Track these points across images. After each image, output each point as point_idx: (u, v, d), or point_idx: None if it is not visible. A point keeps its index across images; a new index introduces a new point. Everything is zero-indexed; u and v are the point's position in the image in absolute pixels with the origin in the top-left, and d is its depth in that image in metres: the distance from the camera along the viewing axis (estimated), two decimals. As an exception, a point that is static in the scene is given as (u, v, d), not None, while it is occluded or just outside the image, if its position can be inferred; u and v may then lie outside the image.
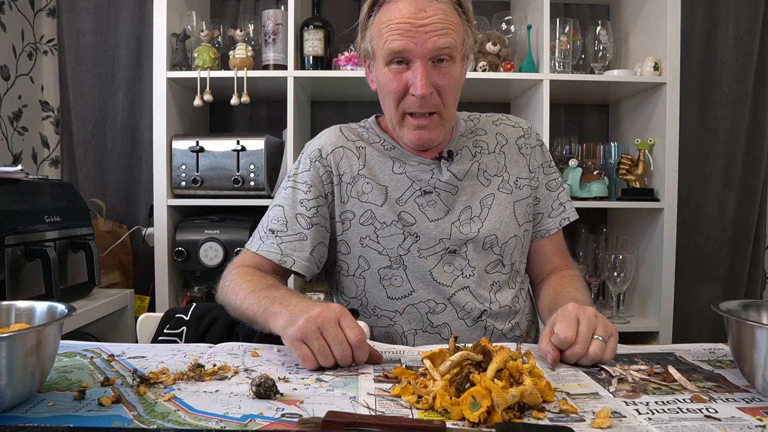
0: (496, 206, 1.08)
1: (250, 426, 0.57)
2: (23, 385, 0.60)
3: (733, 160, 2.24)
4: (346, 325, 0.75)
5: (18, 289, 1.36)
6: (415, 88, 0.95)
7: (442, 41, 0.94)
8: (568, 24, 1.93)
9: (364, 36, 1.04)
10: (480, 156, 1.11)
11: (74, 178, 2.20)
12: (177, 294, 1.93)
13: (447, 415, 0.59)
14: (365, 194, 1.07)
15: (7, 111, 2.03)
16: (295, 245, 1.03)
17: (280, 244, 1.03)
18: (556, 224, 1.14)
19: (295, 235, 1.04)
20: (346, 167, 1.08)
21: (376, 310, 1.07)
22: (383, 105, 1.05)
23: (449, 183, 1.07)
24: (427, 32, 0.94)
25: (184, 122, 1.99)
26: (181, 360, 0.78)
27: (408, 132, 1.02)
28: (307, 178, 1.07)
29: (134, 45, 2.17)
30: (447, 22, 0.95)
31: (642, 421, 0.59)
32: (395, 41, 0.95)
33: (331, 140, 1.10)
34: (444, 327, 1.05)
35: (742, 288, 2.27)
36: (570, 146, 2.05)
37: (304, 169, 1.09)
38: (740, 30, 2.20)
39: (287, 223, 1.04)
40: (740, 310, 0.76)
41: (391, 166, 1.08)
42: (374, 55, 1.02)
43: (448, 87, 0.98)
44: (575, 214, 1.16)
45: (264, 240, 1.05)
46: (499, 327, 1.07)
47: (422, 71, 0.95)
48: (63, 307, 0.69)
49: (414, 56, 0.95)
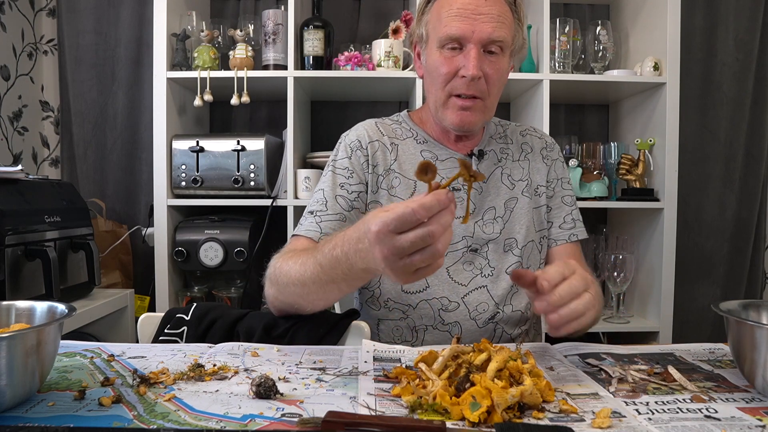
0: (519, 209, 1.11)
1: (250, 426, 0.57)
2: (23, 385, 0.60)
3: (733, 160, 2.24)
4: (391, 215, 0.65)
5: (18, 289, 1.36)
6: (466, 70, 0.98)
7: (497, 33, 0.98)
8: (568, 24, 1.93)
9: (421, 20, 1.07)
10: (505, 162, 1.14)
11: (74, 178, 2.20)
12: (177, 294, 1.93)
13: (447, 415, 0.59)
14: (394, 188, 1.09)
15: (7, 111, 2.03)
16: (335, 225, 1.04)
17: (319, 223, 1.04)
18: (565, 236, 1.15)
19: (335, 215, 1.05)
20: (380, 159, 1.11)
21: (388, 303, 1.08)
22: (428, 89, 1.08)
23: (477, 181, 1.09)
24: (484, 21, 0.98)
25: (184, 122, 1.99)
26: (181, 360, 0.78)
27: (451, 113, 1.04)
28: (348, 164, 1.10)
29: (134, 45, 2.17)
30: (503, 16, 0.99)
31: (642, 421, 0.59)
32: (454, 25, 0.98)
33: (368, 132, 1.13)
34: (455, 325, 1.06)
35: (742, 288, 2.27)
36: (570, 146, 2.05)
37: (344, 155, 1.11)
38: (740, 30, 2.20)
39: (327, 203, 1.06)
40: (740, 310, 0.76)
41: None
42: (428, 38, 1.05)
43: (496, 77, 1.01)
44: (585, 234, 1.17)
45: (303, 222, 1.07)
46: (508, 331, 1.08)
47: (476, 53, 0.98)
48: (63, 307, 0.69)
49: (469, 41, 0.99)
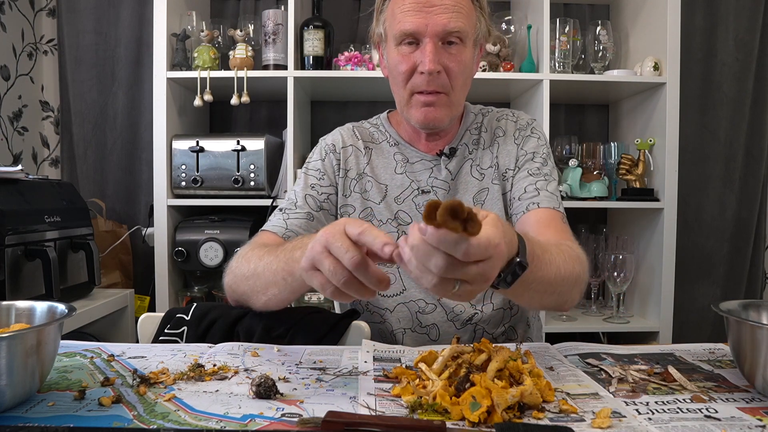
0: (489, 200, 1.07)
1: (250, 426, 0.57)
2: (23, 385, 0.60)
3: (733, 160, 2.24)
4: (352, 229, 0.65)
5: (18, 289, 1.36)
6: (423, 65, 0.96)
7: (453, 24, 0.95)
8: (568, 24, 1.93)
9: (378, 19, 1.06)
10: (475, 152, 1.10)
11: (74, 178, 2.20)
12: (177, 294, 1.93)
13: (447, 415, 0.59)
14: (367, 192, 1.09)
15: (7, 111, 2.03)
16: (302, 223, 1.04)
17: (286, 220, 1.04)
18: (522, 207, 1.01)
19: (303, 213, 1.05)
20: (353, 164, 1.11)
21: (369, 306, 1.09)
22: (393, 89, 1.06)
23: (445, 181, 1.07)
24: (437, 13, 0.95)
25: (184, 122, 1.99)
26: (181, 360, 0.78)
27: (415, 111, 1.01)
28: (320, 166, 1.11)
29: (134, 45, 2.17)
30: (459, 4, 0.96)
31: (642, 421, 0.59)
32: (408, 20, 0.96)
33: (343, 137, 1.13)
34: (432, 328, 1.05)
35: (742, 288, 2.27)
36: (570, 146, 2.05)
37: (318, 158, 1.12)
38: (740, 30, 2.20)
39: (296, 202, 1.07)
40: (740, 310, 0.76)
41: (394, 166, 1.10)
42: (386, 37, 1.04)
43: (457, 70, 0.99)
44: (553, 203, 1.00)
45: (272, 219, 1.07)
46: (490, 331, 1.06)
47: (431, 48, 0.96)
48: (63, 307, 0.69)
49: (424, 36, 0.96)
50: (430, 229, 0.53)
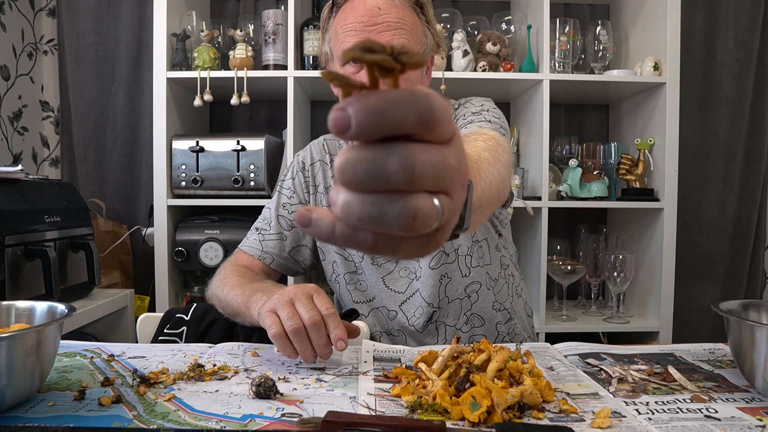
0: None
1: (250, 426, 0.57)
2: (23, 385, 0.60)
3: (733, 160, 2.24)
4: (319, 299, 0.76)
5: (18, 289, 1.36)
6: None
7: (396, 41, 0.91)
8: (568, 24, 1.93)
9: (324, 38, 1.03)
10: None
11: (74, 178, 2.20)
12: (177, 294, 1.93)
13: (447, 415, 0.59)
14: None
15: (7, 111, 2.03)
16: (275, 244, 1.12)
17: (262, 242, 1.12)
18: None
19: (276, 235, 1.12)
20: (320, 179, 1.15)
21: None
22: None
23: None
24: (380, 31, 0.92)
25: (184, 122, 1.99)
26: (181, 360, 0.78)
27: None
28: (291, 185, 1.16)
29: (134, 45, 2.17)
30: (402, 20, 0.93)
31: (642, 421, 0.59)
32: (349, 41, 0.94)
33: (312, 153, 1.18)
34: (399, 332, 1.09)
35: (742, 288, 2.27)
36: (570, 146, 2.05)
37: (290, 177, 1.18)
38: (740, 30, 2.20)
39: (270, 222, 1.13)
40: (740, 310, 0.76)
41: None
42: (332, 56, 1.02)
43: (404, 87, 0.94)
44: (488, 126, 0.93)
45: (249, 237, 1.14)
46: (451, 323, 1.06)
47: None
48: (63, 307, 0.69)
49: None
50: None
